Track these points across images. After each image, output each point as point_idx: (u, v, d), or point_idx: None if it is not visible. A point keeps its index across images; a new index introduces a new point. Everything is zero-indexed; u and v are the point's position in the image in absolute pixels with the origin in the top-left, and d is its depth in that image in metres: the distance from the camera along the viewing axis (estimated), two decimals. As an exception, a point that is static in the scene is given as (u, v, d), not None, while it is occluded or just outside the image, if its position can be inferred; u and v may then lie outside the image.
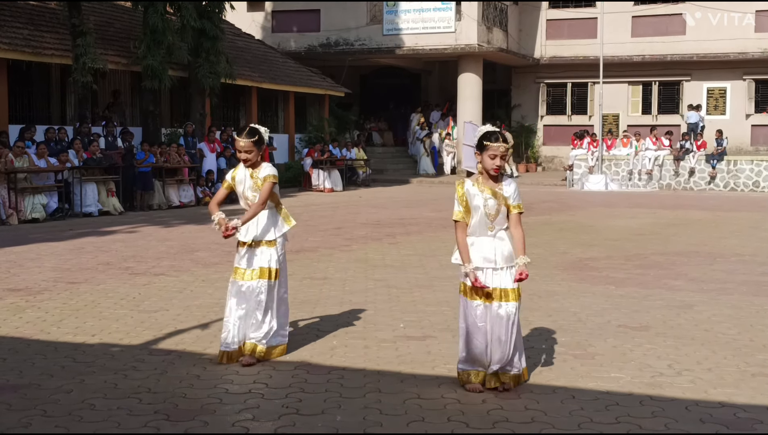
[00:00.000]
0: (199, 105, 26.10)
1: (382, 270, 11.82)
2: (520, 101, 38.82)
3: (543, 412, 5.72)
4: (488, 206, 6.13)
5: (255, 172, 7.01)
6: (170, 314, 8.77)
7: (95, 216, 19.78)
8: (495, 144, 6.10)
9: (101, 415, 5.56)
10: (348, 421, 5.51)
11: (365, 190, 29.22)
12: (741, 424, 5.52)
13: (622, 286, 10.59)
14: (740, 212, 21.42)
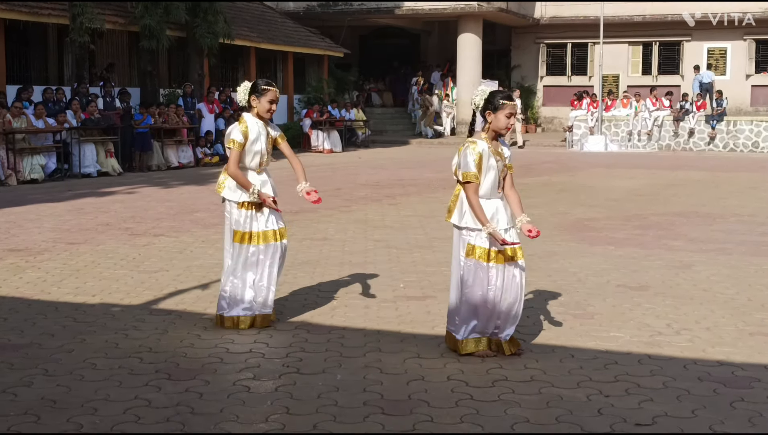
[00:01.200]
0: (198, 65, 25.96)
1: (381, 231, 11.83)
2: (520, 62, 38.64)
3: (542, 371, 5.75)
4: (498, 167, 6.09)
5: (267, 127, 6.86)
6: (170, 275, 8.79)
7: (94, 177, 19.75)
8: (510, 102, 6.06)
9: (102, 374, 5.58)
10: (348, 379, 5.54)
11: (364, 151, 29.17)
12: (739, 382, 5.55)
13: (622, 247, 10.61)
14: (739, 173, 21.40)
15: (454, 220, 6.13)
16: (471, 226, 6.00)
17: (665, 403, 5.13)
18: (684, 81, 34.97)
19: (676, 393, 5.31)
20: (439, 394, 5.27)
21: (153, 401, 5.08)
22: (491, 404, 5.11)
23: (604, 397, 5.23)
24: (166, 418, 4.82)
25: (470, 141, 6.08)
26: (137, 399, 5.12)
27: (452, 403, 5.12)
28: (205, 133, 23.76)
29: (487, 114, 6.07)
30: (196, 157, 23.16)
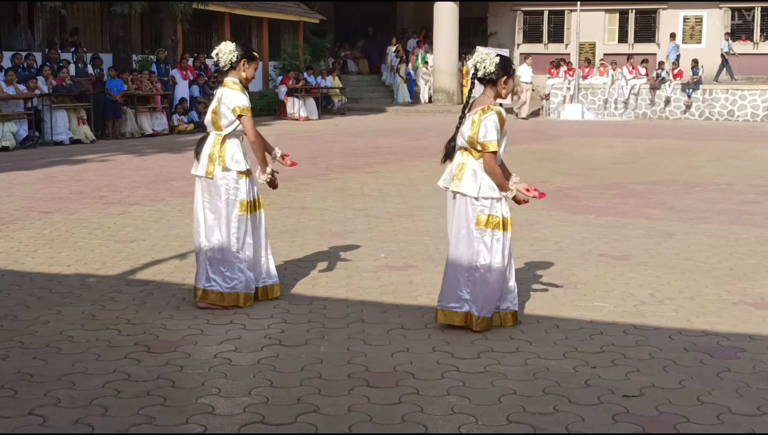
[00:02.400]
0: (171, 31, 25.59)
1: (360, 199, 11.71)
2: (497, 29, 38.39)
3: (528, 341, 5.68)
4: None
5: None
6: (147, 244, 8.65)
7: (66, 144, 19.46)
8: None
9: (80, 347, 5.46)
10: (331, 351, 5.45)
11: (341, 119, 28.97)
12: (724, 352, 5.51)
13: (602, 215, 10.56)
14: (716, 141, 21.41)
15: (469, 191, 5.79)
16: (491, 196, 5.81)
17: (652, 374, 5.07)
18: (660, 49, 34.87)
19: (662, 364, 5.26)
20: (425, 365, 5.20)
21: (132, 374, 4.97)
22: (477, 376, 5.03)
23: (591, 368, 5.17)
24: (146, 391, 4.72)
25: (489, 108, 5.83)
26: (116, 372, 5.01)
27: (438, 374, 5.04)
28: (180, 100, 23.46)
29: (502, 80, 5.90)
30: (171, 125, 22.89)
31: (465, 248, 5.86)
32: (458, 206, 5.90)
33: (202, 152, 6.45)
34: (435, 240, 8.98)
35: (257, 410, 4.49)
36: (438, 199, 11.64)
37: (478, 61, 5.88)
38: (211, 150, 6.40)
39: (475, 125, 5.80)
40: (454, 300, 5.88)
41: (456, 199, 5.91)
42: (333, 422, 4.37)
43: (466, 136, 5.84)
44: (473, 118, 5.82)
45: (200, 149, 6.46)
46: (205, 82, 24.34)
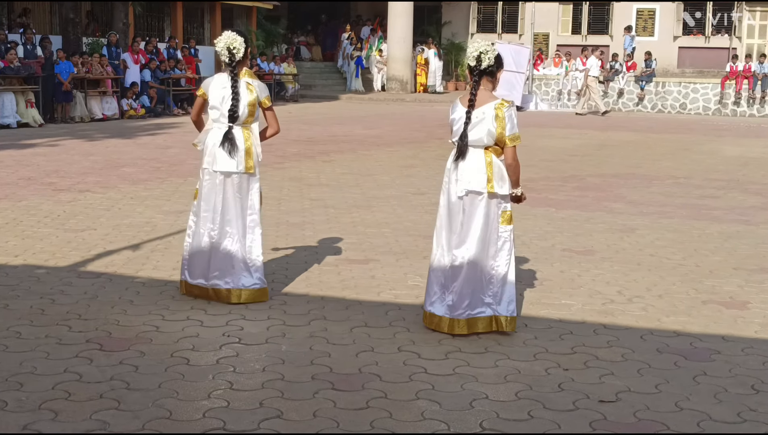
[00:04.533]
0: (122, 14, 25.08)
1: (317, 189, 11.47)
2: (451, 18, 38.23)
3: (496, 342, 5.49)
4: None
5: None
6: (98, 234, 8.34)
7: (13, 128, 18.93)
8: None
9: (28, 344, 5.17)
10: (293, 351, 5.21)
11: (294, 106, 28.63)
12: (699, 354, 5.37)
13: (563, 209, 10.43)
14: (670, 134, 21.45)
15: (502, 190, 5.55)
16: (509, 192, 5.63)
17: (627, 378, 4.92)
18: (613, 41, 34.97)
19: (636, 366, 5.11)
20: (391, 367, 4.99)
21: (84, 375, 4.70)
22: (446, 378, 4.84)
23: (563, 371, 5.00)
24: (99, 394, 4.45)
25: (505, 102, 5.58)
26: (67, 372, 4.73)
27: (406, 377, 4.84)
28: (131, 84, 22.98)
29: (499, 73, 5.67)
30: (121, 109, 22.41)
31: (488, 249, 5.59)
32: (479, 207, 5.55)
33: (235, 147, 6.15)
34: (395, 232, 8.79)
35: (217, 415, 4.25)
36: (395, 189, 11.46)
37: (482, 53, 5.54)
38: (246, 144, 6.19)
39: (501, 121, 5.51)
40: (479, 305, 5.61)
41: (471, 199, 5.55)
42: (298, 428, 4.15)
43: (494, 133, 5.51)
44: (496, 114, 5.51)
45: (230, 144, 6.14)
46: (156, 67, 23.89)
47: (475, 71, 5.57)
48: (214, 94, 6.24)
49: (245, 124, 6.25)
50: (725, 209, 10.69)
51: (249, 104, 6.22)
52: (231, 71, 6.21)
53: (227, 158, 6.15)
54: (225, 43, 6.18)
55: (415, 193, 11.25)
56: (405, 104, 30.41)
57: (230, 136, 6.16)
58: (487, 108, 5.53)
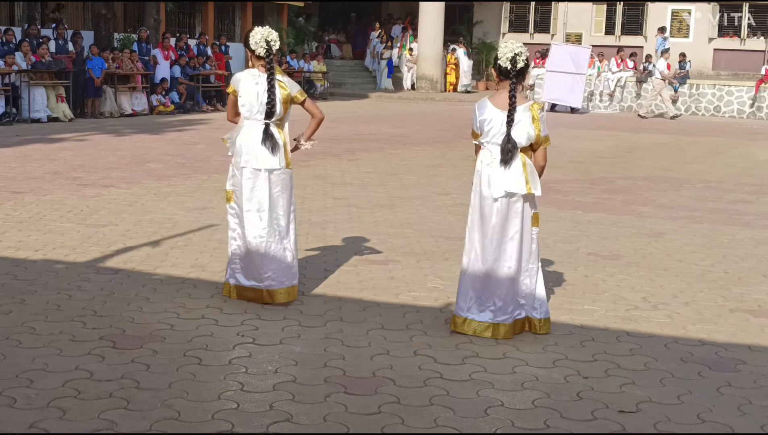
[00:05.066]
0: (154, 10, 25.12)
1: (341, 188, 11.39)
2: (482, 17, 38.04)
3: (515, 347, 5.38)
4: None
5: None
6: (119, 229, 8.30)
7: (44, 122, 19.00)
8: None
9: (41, 340, 5.12)
10: (307, 352, 5.13)
11: (323, 104, 28.54)
12: (724, 364, 5.23)
13: (590, 211, 10.28)
14: (703, 137, 21.18)
15: (536, 191, 5.52)
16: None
17: (648, 387, 4.79)
18: (647, 42, 34.64)
19: (659, 375, 4.98)
20: (406, 371, 4.89)
21: (95, 373, 4.64)
22: (462, 384, 4.74)
23: (583, 379, 4.88)
24: (108, 393, 4.39)
25: (537, 103, 5.67)
26: (78, 370, 4.67)
27: (420, 382, 4.74)
28: (160, 80, 23.01)
29: (528, 73, 5.65)
30: (151, 105, 22.45)
31: (522, 251, 5.54)
32: (515, 209, 5.51)
33: (276, 144, 6.11)
34: (417, 233, 8.69)
35: (226, 417, 4.18)
36: (420, 189, 11.36)
37: (517, 54, 5.50)
38: (283, 139, 6.17)
39: (537, 123, 5.51)
40: (517, 307, 5.57)
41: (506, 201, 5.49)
42: (308, 432, 4.06)
43: (532, 135, 5.50)
44: (532, 115, 5.50)
45: (271, 142, 6.10)
46: (186, 63, 23.91)
47: (511, 73, 5.51)
48: (246, 90, 6.14)
49: (278, 120, 6.19)
50: (757, 215, 10.49)
51: (282, 101, 6.16)
52: (267, 64, 6.12)
53: (269, 155, 6.08)
54: (262, 36, 6.12)
55: (439, 193, 11.14)
56: (434, 103, 30.28)
57: (270, 133, 6.10)
58: (522, 110, 5.49)
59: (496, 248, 5.51)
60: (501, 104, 5.51)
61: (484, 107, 5.58)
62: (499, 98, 5.55)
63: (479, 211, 5.57)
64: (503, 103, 5.50)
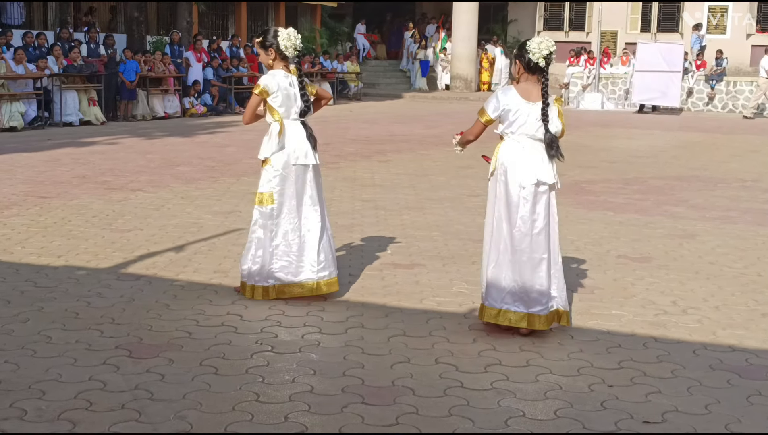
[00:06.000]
0: (186, 12, 25.22)
1: (370, 190, 11.30)
2: (517, 16, 37.82)
3: (539, 354, 5.25)
4: None
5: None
6: (144, 234, 8.26)
7: (76, 126, 19.10)
8: None
9: (57, 350, 5.07)
10: (325, 361, 5.04)
11: (356, 104, 28.54)
12: (754, 372, 5.07)
13: (621, 212, 10.10)
14: (740, 135, 20.87)
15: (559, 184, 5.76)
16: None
17: (675, 396, 4.64)
18: (683, 39, 34.26)
19: (686, 384, 4.83)
20: (426, 380, 4.78)
21: (108, 384, 4.57)
22: (483, 394, 4.62)
23: (608, 388, 4.74)
24: (121, 404, 4.32)
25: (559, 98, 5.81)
26: (91, 381, 4.61)
27: (440, 391, 4.62)
28: (193, 82, 23.06)
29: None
30: (183, 108, 22.51)
31: (550, 241, 5.61)
32: (543, 198, 5.58)
33: (315, 140, 6.33)
34: (445, 236, 8.57)
35: (239, 429, 4.09)
36: (450, 190, 11.23)
37: (552, 53, 5.60)
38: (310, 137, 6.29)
39: (561, 117, 5.65)
40: (549, 299, 5.60)
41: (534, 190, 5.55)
42: (322, 445, 3.97)
43: (559, 129, 5.62)
44: (558, 110, 5.64)
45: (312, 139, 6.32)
46: (219, 65, 23.94)
47: (545, 70, 5.58)
48: (282, 92, 6.20)
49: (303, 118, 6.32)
50: (793, 215, 10.27)
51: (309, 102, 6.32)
52: (298, 66, 6.32)
53: (312, 151, 6.27)
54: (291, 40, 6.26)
55: (469, 194, 11.01)
56: (469, 103, 30.08)
57: (310, 130, 6.30)
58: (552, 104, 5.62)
59: (528, 239, 5.51)
60: (526, 95, 5.58)
61: (510, 95, 5.63)
62: (524, 89, 5.60)
63: (505, 202, 5.56)
64: (529, 94, 5.58)
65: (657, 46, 27.97)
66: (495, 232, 5.60)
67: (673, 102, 27.33)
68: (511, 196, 5.54)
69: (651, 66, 27.21)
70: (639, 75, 27.54)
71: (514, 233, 5.51)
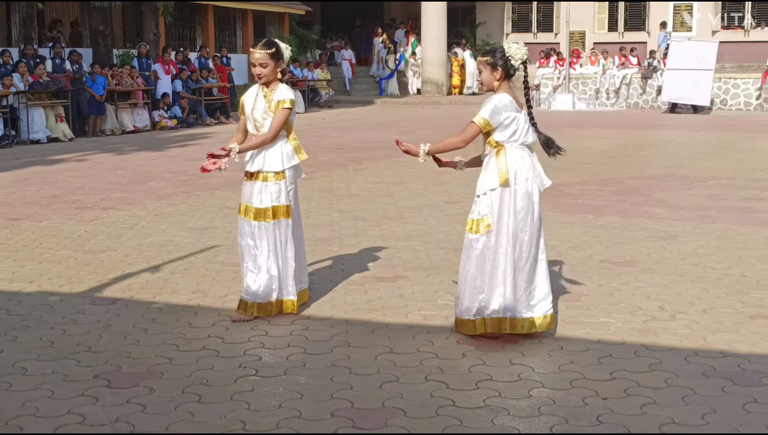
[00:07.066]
0: (153, 24, 24.97)
1: (347, 200, 11.16)
2: (485, 19, 37.81)
3: (530, 367, 5.14)
4: None
5: (269, 93, 6.14)
6: (118, 255, 8.08)
7: (43, 143, 18.82)
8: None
9: (33, 382, 4.89)
10: (313, 383, 4.89)
11: (328, 112, 28.39)
12: (748, 378, 4.97)
13: (601, 215, 10.02)
14: (710, 132, 20.91)
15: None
16: None
17: (671, 407, 4.54)
18: (650, 37, 34.38)
19: (681, 393, 4.73)
20: (417, 399, 4.65)
21: (88, 417, 4.40)
22: (476, 412, 4.49)
23: (602, 400, 4.63)
24: (101, 438, 4.17)
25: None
26: (70, 414, 4.44)
27: (432, 411, 4.50)
28: (162, 95, 22.84)
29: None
30: (153, 121, 22.27)
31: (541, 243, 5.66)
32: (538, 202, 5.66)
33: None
34: (426, 245, 8.46)
35: (227, 460, 3.95)
36: (428, 198, 11.12)
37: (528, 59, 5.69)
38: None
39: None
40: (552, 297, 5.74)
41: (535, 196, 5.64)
42: (313, 474, 3.83)
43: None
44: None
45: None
46: (188, 77, 23.73)
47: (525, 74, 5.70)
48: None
49: None
50: (771, 212, 10.24)
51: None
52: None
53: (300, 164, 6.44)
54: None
55: (447, 201, 10.90)
56: (440, 107, 30.05)
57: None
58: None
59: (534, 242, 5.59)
60: (518, 103, 5.65)
61: (510, 105, 5.58)
62: (514, 97, 5.63)
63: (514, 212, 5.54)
64: (518, 101, 5.64)
65: (689, 44, 27.79)
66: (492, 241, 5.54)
67: (703, 100, 27.04)
68: (521, 205, 5.55)
69: (683, 64, 26.99)
70: (670, 73, 27.32)
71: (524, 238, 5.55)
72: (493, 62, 5.63)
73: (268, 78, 6.12)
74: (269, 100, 6.12)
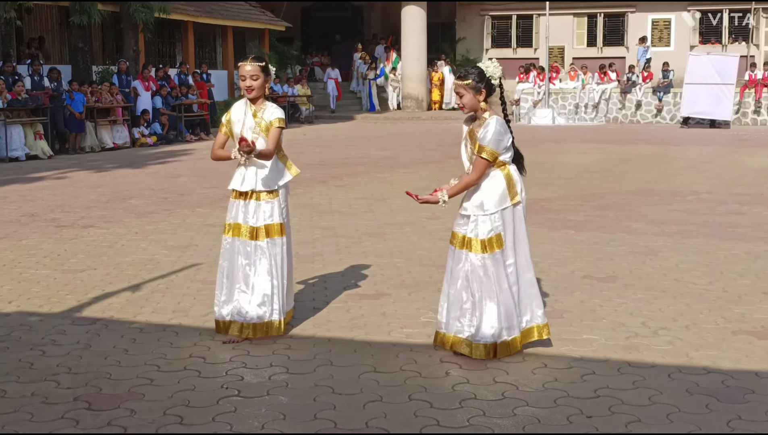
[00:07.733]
0: (132, 41, 24.88)
1: (329, 217, 11.13)
2: (465, 34, 37.91)
3: (514, 386, 5.12)
4: (467, 148, 5.76)
5: (258, 111, 6.10)
6: (98, 274, 8.01)
7: (22, 161, 18.71)
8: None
9: (12, 405, 4.83)
10: (295, 404, 4.85)
11: (309, 128, 28.38)
12: (732, 395, 4.97)
13: (582, 231, 10.04)
14: (690, 146, 21.04)
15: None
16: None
17: (655, 425, 4.53)
18: (629, 52, 34.57)
19: (665, 411, 4.72)
20: (401, 419, 4.62)
21: (68, 441, 4.36)
22: (461, 432, 4.46)
23: (587, 419, 4.62)
24: (82, 462, 4.11)
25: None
26: (50, 438, 4.39)
27: (416, 431, 4.46)
28: (142, 112, 22.75)
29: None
30: (133, 138, 22.18)
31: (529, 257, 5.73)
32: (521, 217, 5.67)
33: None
34: (408, 262, 8.44)
35: (210, 483, 3.90)
36: (409, 214, 11.10)
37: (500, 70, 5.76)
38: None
39: None
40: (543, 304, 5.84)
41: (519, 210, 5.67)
42: (297, 497, 3.79)
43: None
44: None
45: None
46: (168, 93, 23.65)
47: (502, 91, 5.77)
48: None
49: None
50: (751, 226, 10.28)
51: None
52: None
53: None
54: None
55: (429, 217, 10.87)
56: (421, 122, 30.10)
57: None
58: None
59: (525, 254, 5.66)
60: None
61: (504, 126, 5.71)
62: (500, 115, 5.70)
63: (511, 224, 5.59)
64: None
65: (709, 58, 27.64)
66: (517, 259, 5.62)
67: (724, 115, 26.86)
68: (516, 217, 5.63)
69: (702, 78, 26.78)
70: (689, 88, 27.17)
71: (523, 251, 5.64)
72: (475, 85, 5.60)
73: (258, 92, 6.10)
74: (259, 120, 6.08)
